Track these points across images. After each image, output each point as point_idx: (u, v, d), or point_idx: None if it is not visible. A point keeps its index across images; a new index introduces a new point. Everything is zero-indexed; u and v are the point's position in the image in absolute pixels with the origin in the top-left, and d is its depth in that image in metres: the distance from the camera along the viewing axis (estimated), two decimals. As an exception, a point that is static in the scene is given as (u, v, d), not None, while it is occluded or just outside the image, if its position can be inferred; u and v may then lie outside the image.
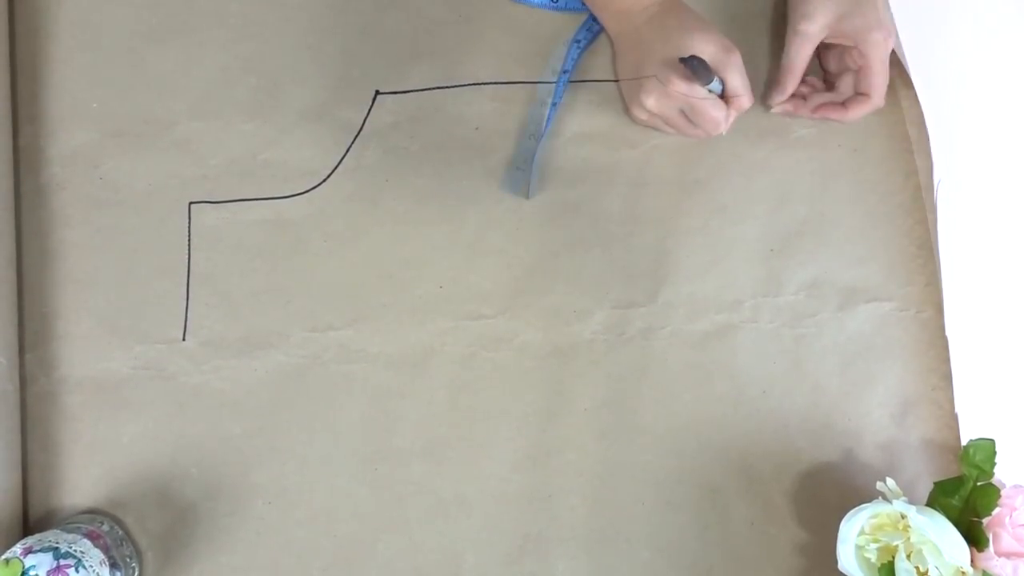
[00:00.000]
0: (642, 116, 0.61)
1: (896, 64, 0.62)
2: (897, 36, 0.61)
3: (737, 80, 0.58)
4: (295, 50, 0.61)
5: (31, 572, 0.51)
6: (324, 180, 0.61)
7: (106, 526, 0.57)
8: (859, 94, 0.60)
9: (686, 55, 0.56)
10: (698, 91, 0.57)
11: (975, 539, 0.55)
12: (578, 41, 0.62)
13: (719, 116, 0.59)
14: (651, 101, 0.59)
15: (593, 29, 0.63)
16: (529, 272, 0.62)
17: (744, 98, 0.59)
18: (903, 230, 0.63)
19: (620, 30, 0.61)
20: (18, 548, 0.52)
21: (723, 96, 0.59)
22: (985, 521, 0.56)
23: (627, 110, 0.62)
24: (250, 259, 0.61)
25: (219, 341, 0.60)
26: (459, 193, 0.62)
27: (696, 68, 0.55)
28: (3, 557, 0.51)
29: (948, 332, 0.62)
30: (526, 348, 0.61)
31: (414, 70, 0.62)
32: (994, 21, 0.64)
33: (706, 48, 0.57)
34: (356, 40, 0.62)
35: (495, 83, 0.62)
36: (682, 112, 0.59)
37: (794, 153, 0.63)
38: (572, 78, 0.62)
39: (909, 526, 0.54)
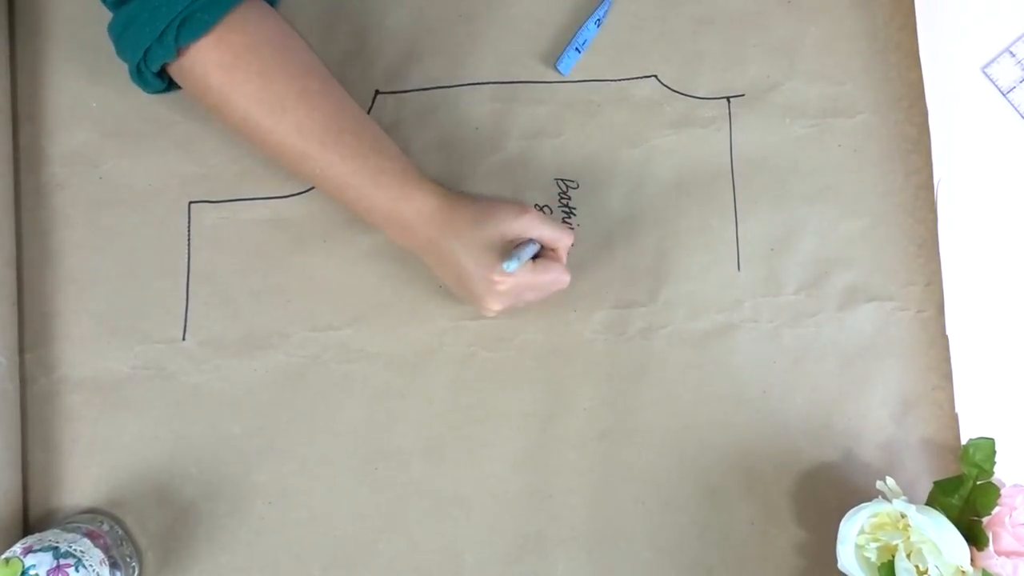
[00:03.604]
0: (496, 310, 0.57)
1: (908, 60, 0.62)
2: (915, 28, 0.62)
3: (546, 230, 0.56)
4: (295, 50, 0.61)
5: (31, 571, 0.50)
6: (324, 180, 0.61)
7: (106, 526, 0.57)
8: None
9: (493, 250, 0.54)
10: (530, 276, 0.55)
11: (975, 538, 0.55)
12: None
13: (558, 276, 0.56)
14: (498, 305, 0.56)
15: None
16: (529, 272, 0.62)
17: (562, 238, 0.57)
18: (903, 230, 0.63)
19: (414, 245, 0.57)
20: (18, 547, 0.52)
21: (541, 253, 0.57)
22: (985, 520, 0.56)
23: (478, 309, 0.58)
24: (250, 258, 0.61)
25: (219, 341, 0.60)
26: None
27: (519, 262, 0.53)
28: (3, 556, 0.51)
29: (948, 332, 0.62)
30: (526, 348, 0.61)
31: (414, 70, 0.62)
32: (995, 19, 0.65)
33: (501, 227, 0.55)
34: (356, 40, 0.62)
35: (495, 83, 0.62)
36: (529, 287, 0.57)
37: (794, 153, 0.63)
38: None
39: (909, 525, 0.54)
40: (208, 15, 0.52)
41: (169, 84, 0.57)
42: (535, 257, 0.56)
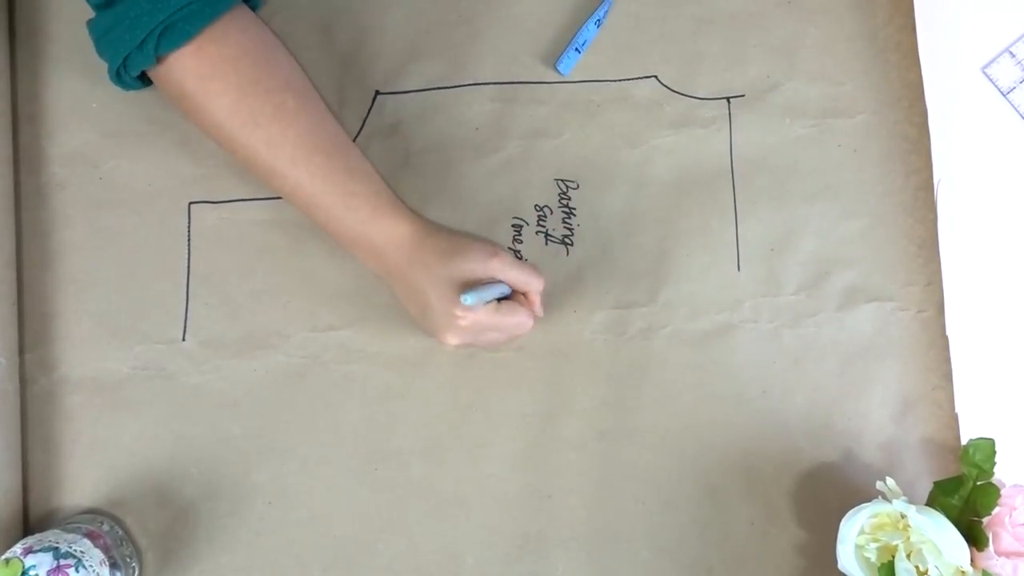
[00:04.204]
0: (453, 344, 0.56)
1: (907, 60, 0.62)
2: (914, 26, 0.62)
3: (515, 274, 0.55)
4: (295, 50, 0.60)
5: (31, 572, 0.51)
6: (324, 180, 0.61)
7: (106, 526, 0.57)
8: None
9: (458, 286, 0.53)
10: (492, 316, 0.54)
11: (975, 538, 0.55)
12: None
13: (522, 319, 0.55)
14: (456, 340, 0.55)
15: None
16: (529, 272, 0.62)
17: (531, 283, 0.56)
18: (903, 230, 0.63)
19: (382, 270, 0.57)
20: (18, 548, 0.52)
21: (511, 295, 0.57)
22: (985, 520, 0.56)
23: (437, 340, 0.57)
24: (250, 259, 0.61)
25: (219, 341, 0.60)
26: (459, 194, 0.62)
27: (479, 299, 0.52)
28: (3, 557, 0.51)
29: (948, 332, 0.62)
30: (526, 348, 0.61)
31: (414, 70, 0.62)
32: (995, 19, 0.65)
33: (470, 267, 0.54)
34: (356, 41, 0.62)
35: (495, 83, 0.62)
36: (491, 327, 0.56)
37: (793, 153, 0.63)
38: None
39: (909, 526, 0.54)
40: (189, 25, 0.52)
41: (148, 81, 0.57)
42: (504, 299, 0.56)
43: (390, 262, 0.56)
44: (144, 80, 0.57)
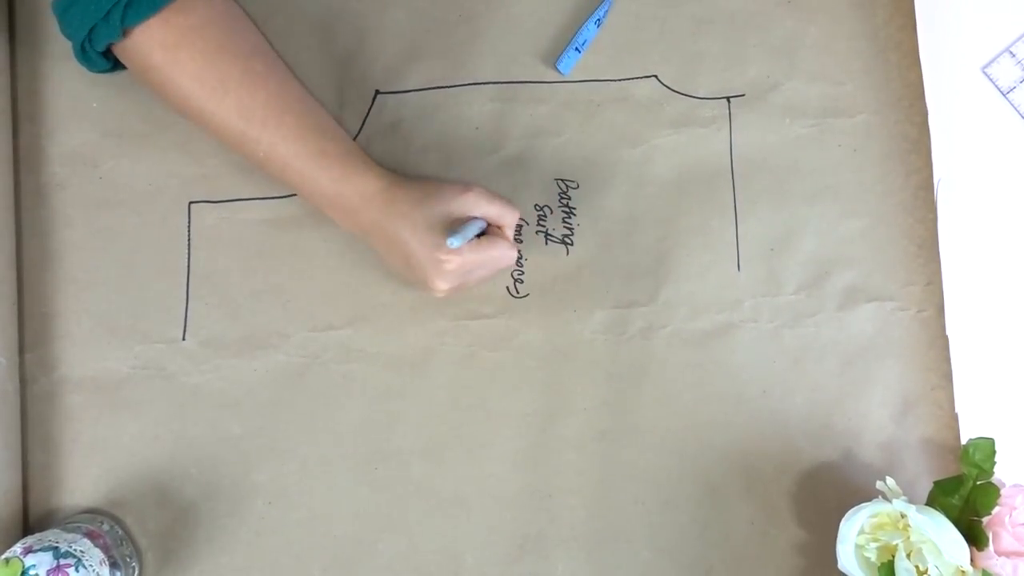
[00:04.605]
0: (444, 289, 0.56)
1: (907, 59, 0.63)
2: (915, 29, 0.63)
3: (490, 208, 0.56)
4: (295, 50, 0.61)
5: (31, 571, 0.51)
6: (324, 180, 0.61)
7: (106, 526, 0.57)
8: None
9: (438, 229, 0.54)
10: (476, 252, 0.55)
11: (975, 538, 0.55)
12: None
13: (505, 250, 0.56)
14: (445, 284, 0.55)
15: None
16: (529, 271, 0.62)
17: (506, 215, 0.56)
18: (903, 230, 0.63)
19: (359, 229, 0.57)
20: (18, 547, 0.52)
21: (487, 230, 0.57)
22: (985, 520, 0.56)
23: (427, 290, 0.57)
24: (250, 259, 0.61)
25: (219, 341, 0.60)
26: (459, 193, 0.62)
27: (463, 238, 0.53)
28: (3, 556, 0.51)
29: (948, 332, 0.62)
30: (526, 348, 0.61)
31: (414, 70, 0.62)
32: (995, 19, 0.65)
33: (446, 206, 0.55)
34: (356, 40, 0.62)
35: (495, 83, 0.62)
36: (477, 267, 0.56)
37: (794, 153, 0.63)
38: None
39: (909, 525, 0.54)
40: None
41: (115, 64, 0.57)
42: (481, 235, 0.56)
43: (366, 219, 0.56)
44: (111, 61, 0.57)
